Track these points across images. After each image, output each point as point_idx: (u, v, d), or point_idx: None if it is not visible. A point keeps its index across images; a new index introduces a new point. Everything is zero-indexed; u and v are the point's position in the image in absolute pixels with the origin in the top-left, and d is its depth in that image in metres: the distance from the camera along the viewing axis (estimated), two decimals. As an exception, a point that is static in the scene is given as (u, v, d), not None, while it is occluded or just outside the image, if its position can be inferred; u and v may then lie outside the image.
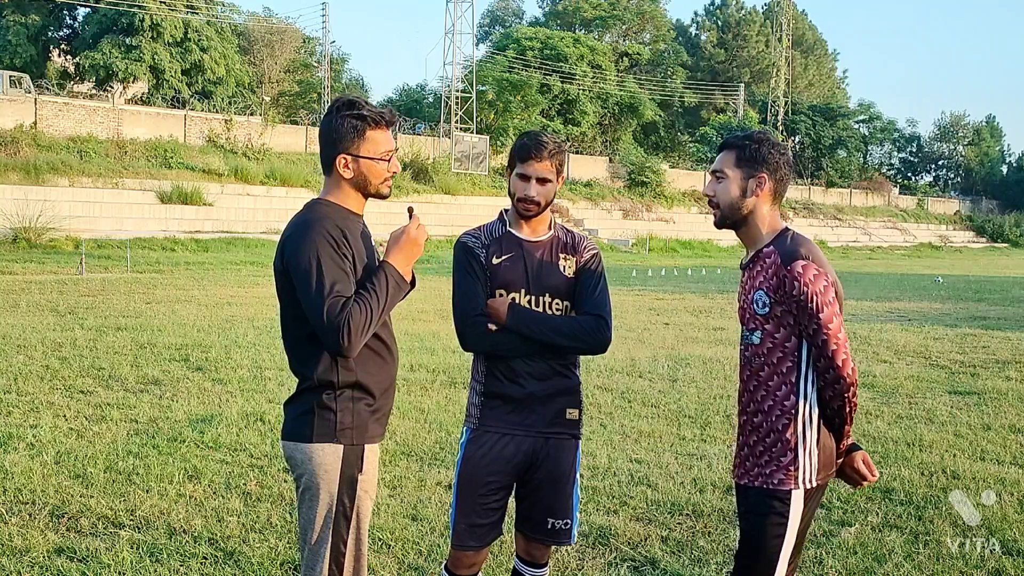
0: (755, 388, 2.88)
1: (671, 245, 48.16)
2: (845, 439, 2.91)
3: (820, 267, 2.76)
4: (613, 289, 3.68)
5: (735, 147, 2.90)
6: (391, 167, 2.89)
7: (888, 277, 31.83)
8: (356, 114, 2.83)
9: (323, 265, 2.70)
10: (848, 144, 74.57)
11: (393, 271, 2.81)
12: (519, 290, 3.17)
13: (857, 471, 2.95)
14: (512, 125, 52.36)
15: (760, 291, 2.83)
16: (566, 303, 3.22)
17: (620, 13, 71.71)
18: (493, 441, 3.16)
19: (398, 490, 5.42)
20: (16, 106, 35.81)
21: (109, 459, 5.86)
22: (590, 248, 3.33)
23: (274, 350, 10.46)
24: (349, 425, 2.82)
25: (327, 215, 2.82)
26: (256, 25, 55.93)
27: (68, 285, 18.49)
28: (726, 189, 2.90)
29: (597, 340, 3.18)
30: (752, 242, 2.93)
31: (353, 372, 2.82)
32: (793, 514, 2.80)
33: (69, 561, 4.26)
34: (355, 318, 2.67)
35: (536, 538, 3.26)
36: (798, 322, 2.78)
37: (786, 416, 2.81)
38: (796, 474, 2.80)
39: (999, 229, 77.65)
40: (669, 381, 9.28)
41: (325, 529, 2.82)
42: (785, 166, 2.90)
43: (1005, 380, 9.70)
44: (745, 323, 2.92)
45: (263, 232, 33.73)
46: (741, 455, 2.93)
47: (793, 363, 2.81)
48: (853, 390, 2.80)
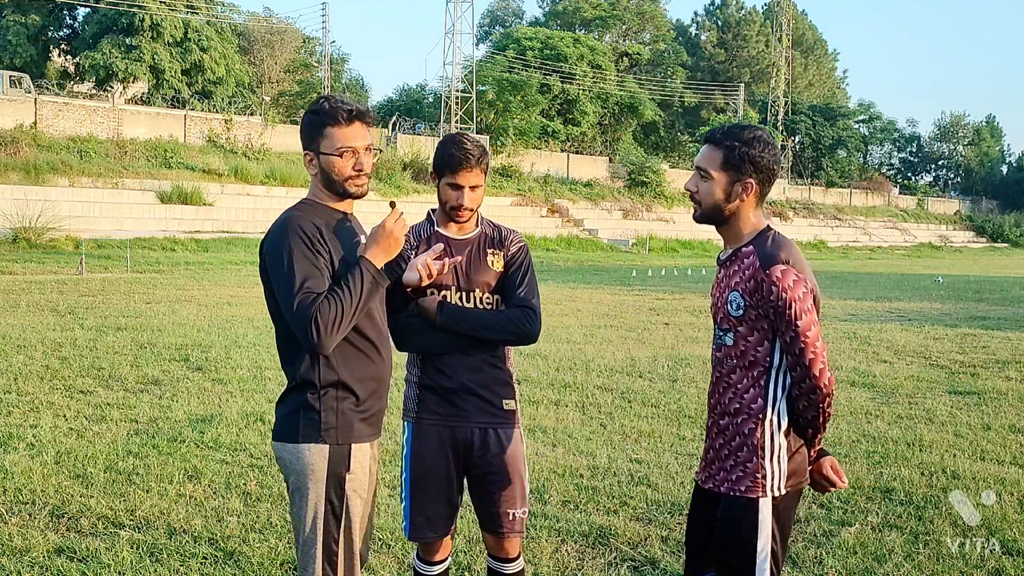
0: (724, 390, 2.81)
1: (671, 245, 48.16)
2: (816, 447, 2.83)
3: (800, 272, 2.67)
4: (614, 289, 3.68)
5: (722, 147, 2.76)
6: (356, 164, 2.85)
7: (888, 277, 31.83)
8: (314, 110, 2.86)
9: (295, 262, 2.72)
10: (848, 144, 74.60)
11: (370, 266, 2.80)
12: (449, 288, 3.25)
13: (826, 477, 2.87)
14: (512, 125, 52.33)
15: (736, 292, 2.74)
16: (496, 296, 3.30)
17: (620, 13, 71.71)
18: (435, 433, 3.24)
19: (398, 490, 5.41)
20: (16, 106, 35.81)
21: (109, 459, 5.86)
22: (517, 241, 3.39)
23: (274, 350, 10.44)
24: (333, 425, 2.82)
25: (304, 213, 2.85)
26: (256, 25, 55.91)
27: (68, 285, 18.49)
28: (710, 190, 2.78)
29: (525, 331, 3.25)
30: (732, 239, 2.84)
31: (335, 371, 2.82)
32: (763, 522, 2.71)
33: (69, 561, 4.26)
34: (325, 313, 2.67)
35: (501, 532, 3.33)
36: (772, 326, 2.69)
37: (752, 420, 2.74)
38: (764, 482, 2.72)
39: (999, 229, 77.68)
40: (669, 381, 9.27)
41: (315, 529, 2.83)
42: (774, 165, 2.77)
43: (1005, 380, 9.69)
44: (719, 323, 2.85)
45: (263, 232, 33.46)
46: (707, 458, 2.87)
47: (764, 368, 2.73)
48: (829, 400, 2.70)
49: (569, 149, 59.97)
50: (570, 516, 5.03)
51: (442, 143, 3.28)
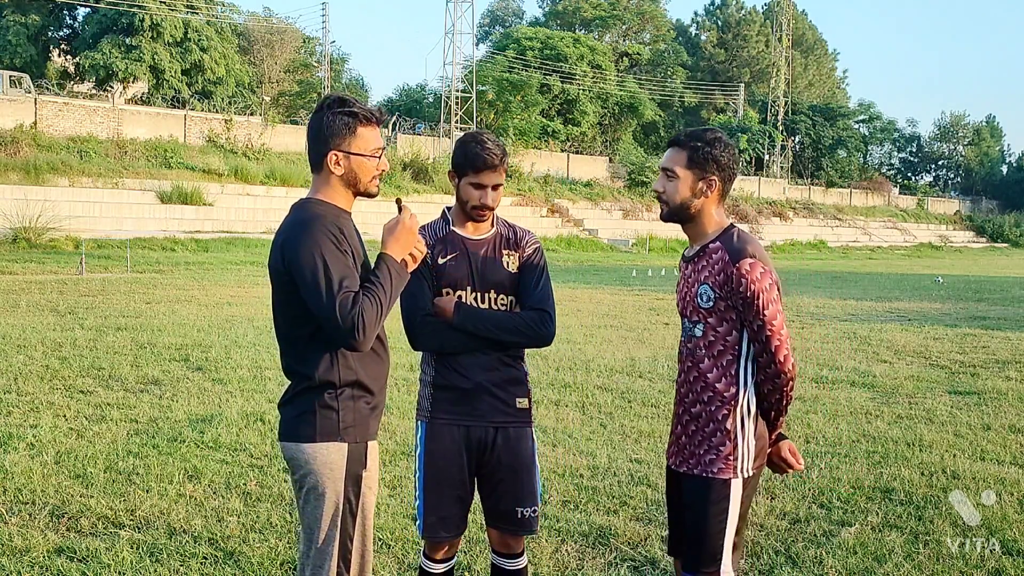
0: (695, 379, 2.97)
1: (671, 245, 48.11)
2: (777, 429, 3.03)
3: (765, 265, 2.85)
4: (614, 289, 3.69)
5: (686, 147, 2.95)
6: (380, 164, 2.90)
7: (888, 277, 31.83)
8: (348, 111, 2.84)
9: (329, 262, 2.70)
10: (848, 144, 74.57)
11: (392, 262, 2.83)
12: (464, 288, 3.26)
13: (784, 460, 3.07)
14: (512, 125, 52.35)
15: (705, 285, 2.90)
16: (511, 298, 3.31)
17: (620, 13, 71.72)
18: (449, 432, 3.24)
19: (398, 490, 5.42)
20: (16, 106, 35.80)
21: (109, 459, 5.87)
22: (532, 243, 3.40)
23: (274, 350, 10.46)
24: (351, 423, 2.83)
25: (323, 213, 2.82)
26: (256, 25, 55.90)
27: (68, 285, 18.49)
28: (676, 189, 2.96)
29: (541, 334, 3.28)
30: (698, 237, 3.01)
31: (354, 371, 2.83)
32: (733, 503, 2.91)
33: (69, 561, 4.26)
34: (368, 312, 2.68)
35: (509, 529, 3.33)
36: (740, 317, 2.87)
37: (726, 407, 2.91)
38: (735, 464, 2.91)
39: (999, 229, 77.68)
40: (669, 381, 9.27)
41: (332, 528, 2.82)
42: (734, 164, 2.97)
43: (1005, 380, 9.69)
44: (687, 316, 3.01)
45: (263, 232, 33.70)
46: (679, 443, 3.04)
47: (734, 356, 2.91)
48: (792, 384, 2.91)
49: (569, 149, 59.97)
50: (570, 516, 5.03)
51: (463, 142, 3.27)
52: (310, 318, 2.76)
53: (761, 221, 58.87)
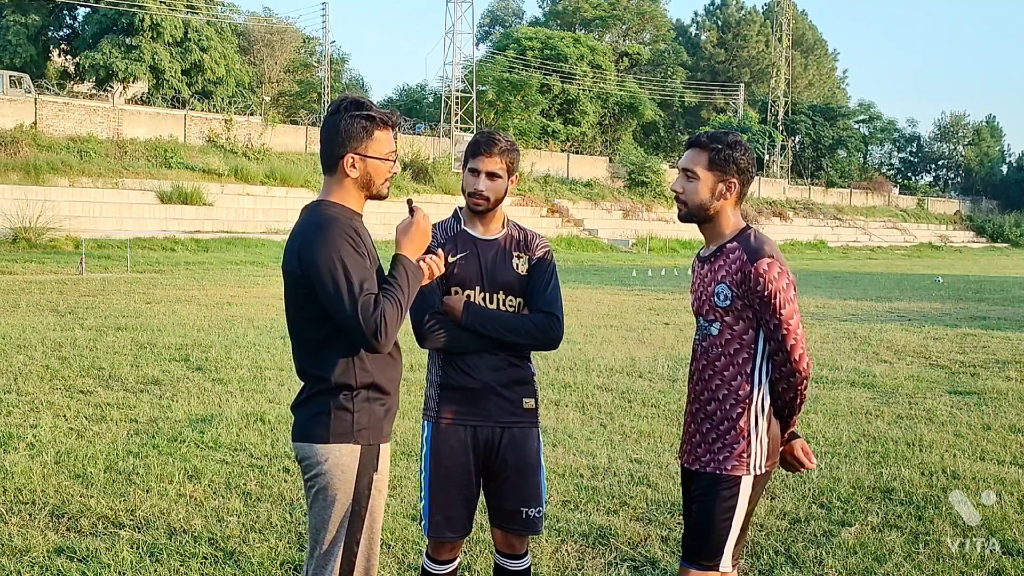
0: (710, 377, 2.99)
1: (671, 245, 48.14)
2: (790, 428, 3.05)
3: (782, 265, 2.89)
4: (614, 289, 3.70)
5: (707, 149, 2.97)
6: (394, 167, 2.91)
7: (888, 277, 31.83)
8: (365, 114, 2.83)
9: (348, 265, 2.69)
10: (848, 144, 74.61)
11: (408, 263, 2.84)
12: (473, 288, 3.27)
13: (796, 458, 3.08)
14: (512, 125, 52.36)
15: (723, 284, 2.93)
16: (519, 300, 3.33)
17: (620, 13, 71.73)
18: (456, 432, 3.25)
19: (398, 490, 5.42)
20: (16, 106, 35.80)
21: (109, 459, 5.86)
22: (542, 246, 3.42)
23: (274, 350, 10.47)
24: (366, 425, 2.82)
25: (339, 215, 2.81)
26: (256, 25, 55.93)
27: (68, 285, 18.49)
28: (696, 190, 2.97)
29: (549, 337, 3.29)
30: (715, 237, 3.03)
31: (370, 373, 2.82)
32: (742, 499, 2.94)
33: (69, 561, 4.26)
34: (389, 314, 2.68)
35: (514, 529, 3.32)
36: (757, 316, 2.90)
37: (740, 405, 2.93)
38: (748, 461, 2.93)
39: (999, 229, 77.69)
40: (669, 381, 9.27)
41: (340, 530, 2.81)
42: (752, 167, 3.01)
43: (1005, 380, 9.70)
44: (703, 314, 3.04)
45: (263, 232, 33.73)
46: (692, 442, 3.05)
47: (749, 354, 2.94)
48: (806, 383, 2.94)
49: (569, 149, 59.96)
50: (570, 516, 5.03)
51: (474, 135, 3.35)
52: (326, 321, 2.75)
53: (761, 221, 58.86)
